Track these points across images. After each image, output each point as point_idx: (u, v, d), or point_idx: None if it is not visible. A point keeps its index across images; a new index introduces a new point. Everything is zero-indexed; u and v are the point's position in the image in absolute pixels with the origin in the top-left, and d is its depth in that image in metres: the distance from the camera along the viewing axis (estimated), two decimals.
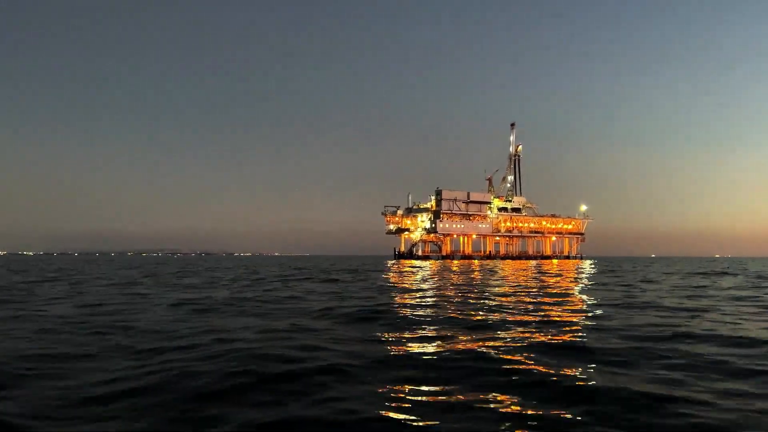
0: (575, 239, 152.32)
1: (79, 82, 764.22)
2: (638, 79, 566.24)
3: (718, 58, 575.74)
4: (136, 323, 11.69)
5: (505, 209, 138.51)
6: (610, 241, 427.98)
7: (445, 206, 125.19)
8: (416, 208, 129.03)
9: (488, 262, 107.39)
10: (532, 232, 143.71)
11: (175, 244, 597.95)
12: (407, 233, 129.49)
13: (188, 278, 33.84)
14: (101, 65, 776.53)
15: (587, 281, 31.10)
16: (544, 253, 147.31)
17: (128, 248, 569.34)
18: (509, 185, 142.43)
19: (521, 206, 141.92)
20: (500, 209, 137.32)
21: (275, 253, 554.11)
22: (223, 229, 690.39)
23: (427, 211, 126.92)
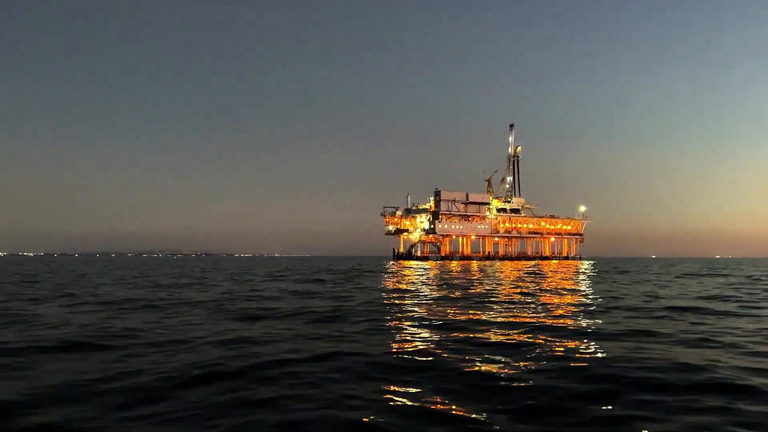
0: (574, 240, 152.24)
1: (79, 83, 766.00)
2: (638, 79, 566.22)
3: (718, 58, 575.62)
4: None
5: (504, 210, 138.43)
6: (609, 241, 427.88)
7: (443, 207, 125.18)
8: (415, 208, 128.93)
9: (487, 262, 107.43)
10: (531, 233, 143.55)
11: (175, 244, 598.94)
12: (406, 234, 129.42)
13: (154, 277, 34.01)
14: (102, 66, 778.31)
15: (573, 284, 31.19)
16: (543, 253, 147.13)
17: (129, 249, 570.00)
18: (508, 186, 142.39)
19: (520, 207, 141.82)
20: (499, 210, 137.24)
21: (276, 254, 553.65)
22: (223, 229, 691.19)
23: (425, 211, 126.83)
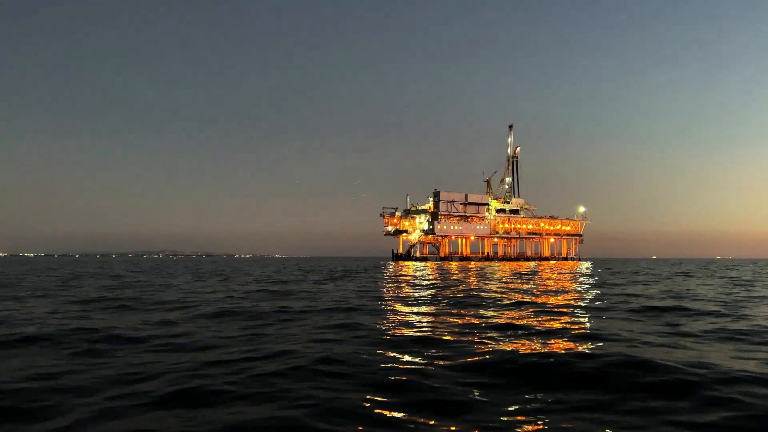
0: (574, 241, 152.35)
1: (80, 84, 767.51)
2: (638, 79, 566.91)
3: (718, 58, 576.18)
4: None
5: (503, 211, 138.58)
6: (609, 242, 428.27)
7: (443, 208, 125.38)
8: (414, 209, 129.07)
9: (486, 263, 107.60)
10: (530, 233, 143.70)
11: (176, 245, 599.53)
12: (405, 235, 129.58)
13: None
14: (103, 68, 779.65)
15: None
16: (542, 254, 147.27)
17: (130, 250, 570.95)
18: (507, 187, 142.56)
19: (519, 208, 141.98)
20: (498, 211, 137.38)
21: (276, 254, 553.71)
22: (224, 231, 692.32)
23: (425, 212, 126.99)
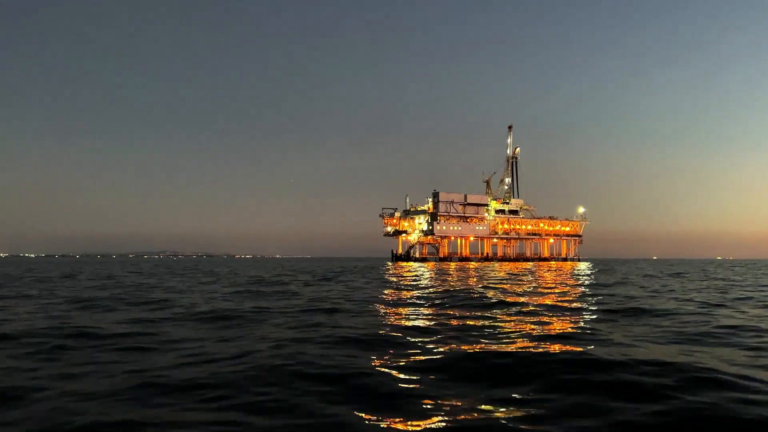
0: (573, 241, 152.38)
1: (80, 84, 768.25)
2: (638, 80, 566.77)
3: (718, 58, 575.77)
4: None
5: (502, 211, 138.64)
6: (609, 243, 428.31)
7: (442, 208, 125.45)
8: (414, 210, 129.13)
9: (486, 264, 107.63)
10: (529, 234, 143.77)
11: (177, 246, 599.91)
12: (405, 235, 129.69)
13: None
14: (103, 68, 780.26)
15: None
16: (542, 255, 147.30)
17: (130, 250, 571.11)
18: (507, 187, 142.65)
19: (519, 208, 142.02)
20: (497, 211, 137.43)
21: (277, 255, 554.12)
22: (224, 231, 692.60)
23: (424, 213, 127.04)
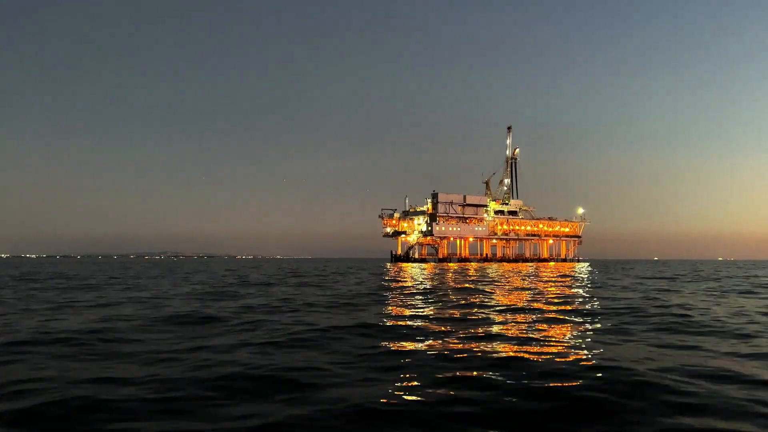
0: (572, 242, 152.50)
1: (80, 84, 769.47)
2: (637, 80, 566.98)
3: (718, 58, 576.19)
4: None
5: (501, 212, 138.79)
6: (609, 243, 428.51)
7: (441, 209, 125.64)
8: (413, 211, 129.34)
9: (485, 264, 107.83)
10: (528, 235, 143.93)
11: (178, 246, 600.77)
12: (404, 236, 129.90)
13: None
14: (103, 68, 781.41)
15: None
16: (541, 256, 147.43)
17: (131, 251, 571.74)
18: (506, 188, 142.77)
19: (518, 209, 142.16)
20: (497, 212, 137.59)
21: (277, 255, 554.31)
22: (225, 231, 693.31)
23: (423, 214, 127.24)
